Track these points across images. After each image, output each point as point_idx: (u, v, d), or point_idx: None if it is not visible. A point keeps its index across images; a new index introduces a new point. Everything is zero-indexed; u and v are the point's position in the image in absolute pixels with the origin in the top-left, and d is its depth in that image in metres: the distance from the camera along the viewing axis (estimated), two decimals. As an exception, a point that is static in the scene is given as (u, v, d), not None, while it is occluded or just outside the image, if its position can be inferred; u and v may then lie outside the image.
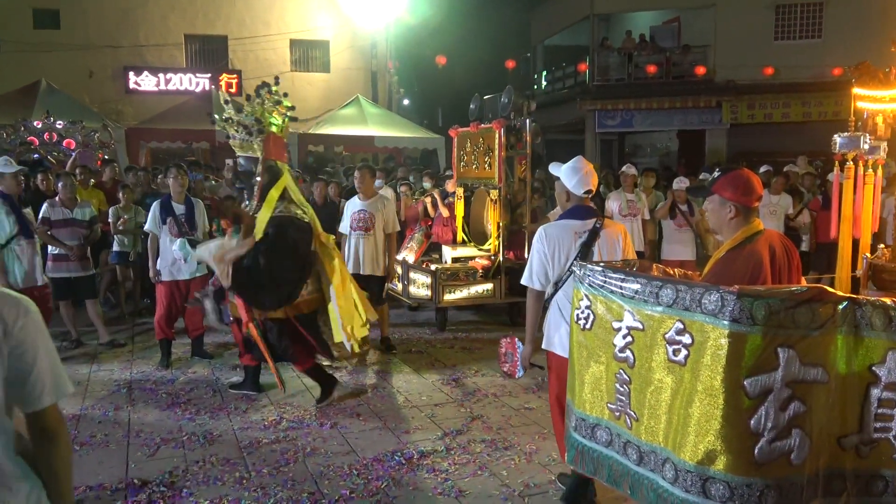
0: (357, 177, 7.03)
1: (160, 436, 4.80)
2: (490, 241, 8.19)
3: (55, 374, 1.87)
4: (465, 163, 8.67)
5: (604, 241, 3.69)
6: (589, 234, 3.67)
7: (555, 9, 23.28)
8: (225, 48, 18.92)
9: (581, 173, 3.73)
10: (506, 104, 7.87)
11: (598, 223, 3.72)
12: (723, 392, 2.26)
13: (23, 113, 12.00)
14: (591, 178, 3.75)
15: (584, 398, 2.86)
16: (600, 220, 3.75)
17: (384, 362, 6.66)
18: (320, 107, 18.72)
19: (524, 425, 5.02)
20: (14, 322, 1.80)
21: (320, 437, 4.80)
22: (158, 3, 18.29)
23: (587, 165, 3.80)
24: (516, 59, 22.74)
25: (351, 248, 6.85)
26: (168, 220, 6.42)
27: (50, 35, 17.24)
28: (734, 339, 2.24)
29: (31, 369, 1.82)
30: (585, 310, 2.84)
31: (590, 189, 3.76)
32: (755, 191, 2.87)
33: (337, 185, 10.08)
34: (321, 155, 17.36)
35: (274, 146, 5.35)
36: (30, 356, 1.82)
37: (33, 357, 1.83)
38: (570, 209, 3.80)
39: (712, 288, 2.33)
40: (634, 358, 2.59)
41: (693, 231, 8.14)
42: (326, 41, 19.56)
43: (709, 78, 19.44)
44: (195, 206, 6.61)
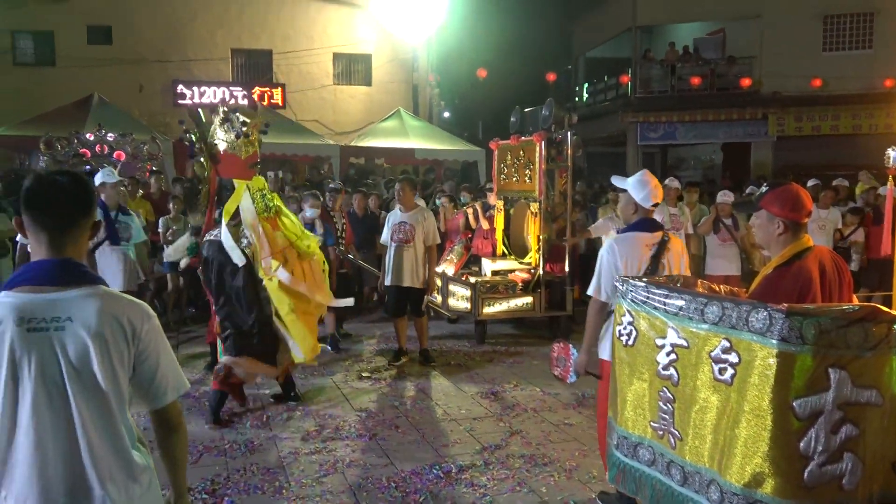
0: (398, 189, 7.08)
1: (203, 443, 4.88)
2: (530, 255, 8.15)
3: (174, 373, 2.03)
4: (505, 175, 8.67)
5: (671, 254, 3.76)
6: (658, 247, 3.74)
7: (597, 21, 23.19)
8: (269, 62, 19.29)
9: (650, 186, 3.80)
10: (547, 117, 7.85)
11: (666, 236, 3.81)
12: (771, 413, 2.21)
13: (76, 125, 12.37)
14: (658, 192, 3.84)
15: (626, 416, 2.82)
16: (667, 234, 3.83)
17: (423, 374, 6.66)
18: (362, 119, 18.93)
19: (564, 441, 4.96)
20: (141, 327, 1.93)
21: (359, 449, 4.82)
22: (206, 19, 18.75)
23: (654, 179, 3.86)
24: (557, 71, 22.68)
25: (391, 260, 6.89)
26: None
27: (102, 51, 17.80)
28: (783, 359, 2.19)
29: (156, 370, 1.97)
30: (628, 326, 2.80)
31: (657, 202, 3.85)
32: (804, 206, 2.80)
33: (377, 196, 10.17)
34: (362, 167, 17.53)
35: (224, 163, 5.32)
36: (154, 358, 1.97)
37: (156, 359, 1.97)
38: (637, 221, 3.86)
39: (760, 305, 2.27)
40: (679, 376, 2.54)
41: (738, 246, 7.98)
42: (368, 55, 19.79)
43: (754, 90, 19.10)
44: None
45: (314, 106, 19.31)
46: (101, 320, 1.84)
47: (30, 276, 1.87)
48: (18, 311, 1.80)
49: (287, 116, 17.42)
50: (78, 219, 1.92)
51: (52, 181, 1.91)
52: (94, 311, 1.84)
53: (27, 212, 1.90)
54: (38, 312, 1.81)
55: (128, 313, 1.90)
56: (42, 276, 1.86)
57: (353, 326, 8.44)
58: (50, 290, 1.84)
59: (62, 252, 1.90)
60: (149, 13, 18.30)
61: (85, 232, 1.95)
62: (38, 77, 17.46)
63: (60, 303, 1.83)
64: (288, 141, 14.70)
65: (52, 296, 1.84)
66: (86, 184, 1.97)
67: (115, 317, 1.87)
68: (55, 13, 17.86)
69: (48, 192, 1.90)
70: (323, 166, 14.79)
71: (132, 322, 1.90)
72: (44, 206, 1.89)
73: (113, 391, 1.87)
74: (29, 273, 1.88)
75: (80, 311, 1.83)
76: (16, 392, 1.79)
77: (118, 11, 18.14)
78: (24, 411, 1.80)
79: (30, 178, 1.95)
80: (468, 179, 15.19)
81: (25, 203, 1.90)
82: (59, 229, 1.89)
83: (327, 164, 14.77)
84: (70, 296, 1.84)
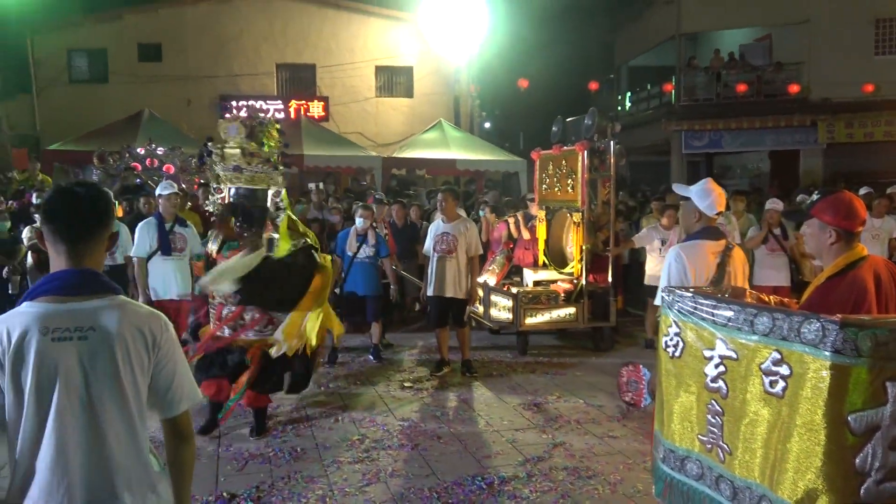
0: (440, 199, 7.09)
1: (248, 451, 4.94)
2: (572, 265, 8.09)
3: (189, 383, 2.07)
4: (547, 185, 8.63)
5: (736, 263, 3.75)
6: (723, 255, 3.73)
7: (640, 29, 22.98)
8: (313, 76, 19.60)
9: (714, 194, 3.80)
10: (589, 126, 7.80)
11: (730, 244, 3.81)
12: (824, 427, 2.14)
13: (127, 140, 12.76)
14: (721, 200, 3.85)
15: (672, 429, 2.76)
16: (730, 242, 3.83)
17: (465, 385, 6.65)
18: (404, 131, 19.08)
19: (608, 454, 4.89)
20: (160, 336, 1.98)
21: (401, 459, 4.82)
22: (252, 35, 19.16)
23: (717, 187, 3.86)
24: (600, 80, 22.53)
25: (434, 270, 6.90)
26: None
27: (153, 68, 18.34)
28: (837, 372, 2.12)
29: (173, 379, 2.02)
30: (674, 337, 2.75)
31: (721, 210, 3.87)
32: (858, 215, 2.72)
33: (419, 207, 10.22)
34: (403, 178, 17.66)
35: None
36: (171, 367, 2.01)
37: (173, 368, 2.02)
38: (702, 229, 3.85)
39: (812, 316, 2.21)
40: (727, 388, 2.49)
41: (787, 256, 7.79)
42: (410, 67, 19.96)
43: (803, 96, 18.66)
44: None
45: (357, 118, 19.54)
46: (123, 329, 1.89)
47: (51, 286, 1.91)
48: (42, 320, 1.84)
49: (330, 129, 17.68)
50: (95, 230, 1.96)
51: (70, 193, 1.96)
52: (116, 321, 1.89)
53: (46, 224, 1.95)
54: (62, 322, 1.85)
55: (148, 323, 1.96)
56: (63, 287, 1.90)
57: (395, 337, 8.48)
58: (71, 300, 1.88)
59: (81, 262, 1.93)
60: (197, 31, 18.81)
61: (103, 243, 1.99)
62: (91, 94, 18.06)
63: (83, 312, 1.88)
64: (331, 153, 14.91)
65: (75, 305, 1.88)
66: (103, 195, 2.01)
67: (136, 326, 1.92)
68: (108, 32, 18.50)
69: (67, 204, 1.94)
70: (365, 178, 14.94)
71: (152, 331, 1.95)
72: (63, 218, 1.93)
73: (134, 399, 1.92)
74: (50, 283, 1.91)
75: (103, 320, 1.88)
76: (42, 400, 1.83)
77: (168, 30, 18.70)
78: (49, 419, 1.83)
79: (48, 191, 2.00)
80: (509, 190, 15.17)
81: (44, 215, 1.96)
82: (78, 240, 1.93)
83: (369, 175, 14.92)
84: (92, 306, 1.89)
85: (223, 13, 19.02)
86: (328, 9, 19.45)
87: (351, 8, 19.56)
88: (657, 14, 21.33)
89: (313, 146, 14.84)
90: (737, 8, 19.14)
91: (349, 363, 7.34)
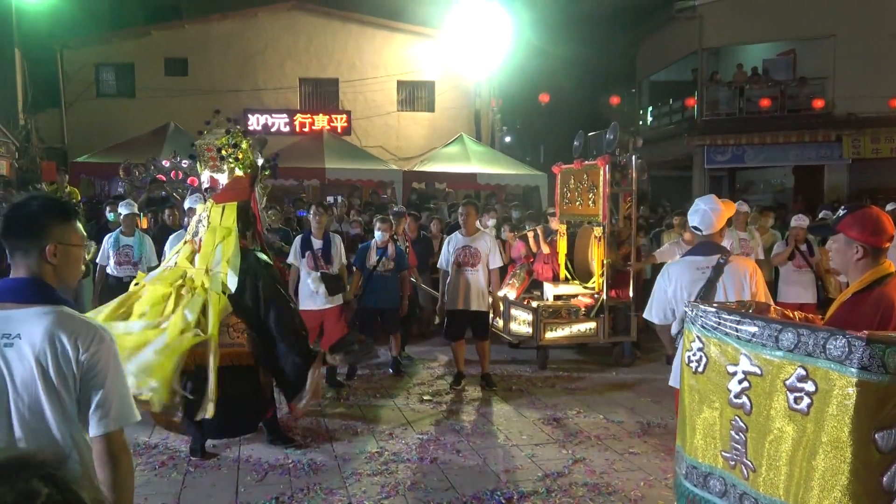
0: (463, 213, 7.10)
1: (268, 462, 4.96)
2: (594, 279, 8.05)
3: (122, 401, 1.96)
4: (568, 200, 8.61)
5: (728, 277, 3.75)
6: (713, 270, 3.75)
7: (661, 44, 22.93)
8: (336, 90, 19.79)
9: (701, 211, 3.90)
10: (611, 140, 7.79)
11: (723, 258, 3.79)
12: (850, 445, 2.11)
13: (153, 153, 12.94)
14: (716, 217, 3.89)
15: (695, 445, 2.73)
16: (724, 256, 3.80)
17: (484, 399, 6.63)
18: (425, 145, 19.17)
19: (629, 470, 4.84)
20: (88, 348, 1.91)
21: (420, 472, 4.81)
22: (276, 50, 19.41)
23: (717, 204, 3.93)
24: (621, 95, 22.49)
25: (457, 284, 6.88)
26: (307, 255, 6.76)
27: (179, 82, 18.63)
28: (863, 389, 2.09)
29: (100, 395, 1.92)
30: (697, 352, 2.73)
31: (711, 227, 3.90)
32: (886, 230, 2.68)
33: (439, 220, 10.23)
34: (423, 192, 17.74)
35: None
36: (99, 382, 1.92)
37: (101, 383, 1.93)
38: (696, 245, 3.99)
39: (838, 332, 2.18)
40: (752, 404, 2.46)
41: (813, 272, 7.69)
42: (432, 82, 20.09)
43: (827, 111, 18.48)
44: (332, 242, 6.92)
45: (379, 132, 19.68)
46: (46, 338, 1.87)
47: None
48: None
49: (352, 143, 17.81)
50: (33, 241, 1.96)
51: (16, 206, 2.00)
52: (42, 329, 1.88)
53: (2, 237, 1.99)
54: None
55: (77, 333, 1.91)
56: (4, 293, 1.94)
57: (414, 350, 8.48)
58: (8, 306, 1.91)
59: (29, 272, 1.96)
60: (222, 46, 19.09)
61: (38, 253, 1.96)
62: (118, 107, 18.38)
63: (14, 319, 1.89)
64: (353, 166, 15.01)
65: (9, 312, 1.90)
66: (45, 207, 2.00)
67: (62, 336, 1.88)
68: (136, 48, 18.83)
69: (13, 217, 1.98)
70: (386, 191, 15.03)
71: (79, 342, 1.90)
72: (10, 231, 1.98)
73: (53, 410, 1.88)
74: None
75: (30, 328, 1.88)
76: None
77: (194, 45, 19.01)
78: None
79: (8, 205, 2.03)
80: (530, 204, 15.15)
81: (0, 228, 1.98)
82: (23, 251, 1.96)
83: (390, 188, 15.00)
84: (25, 313, 1.90)
85: (248, 29, 19.31)
86: (352, 24, 19.67)
87: (374, 24, 19.76)
88: (679, 28, 21.28)
89: (335, 159, 14.96)
90: (760, 23, 19.04)
91: (369, 376, 7.35)
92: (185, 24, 19.36)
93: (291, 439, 5.37)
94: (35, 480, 0.60)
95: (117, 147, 14.52)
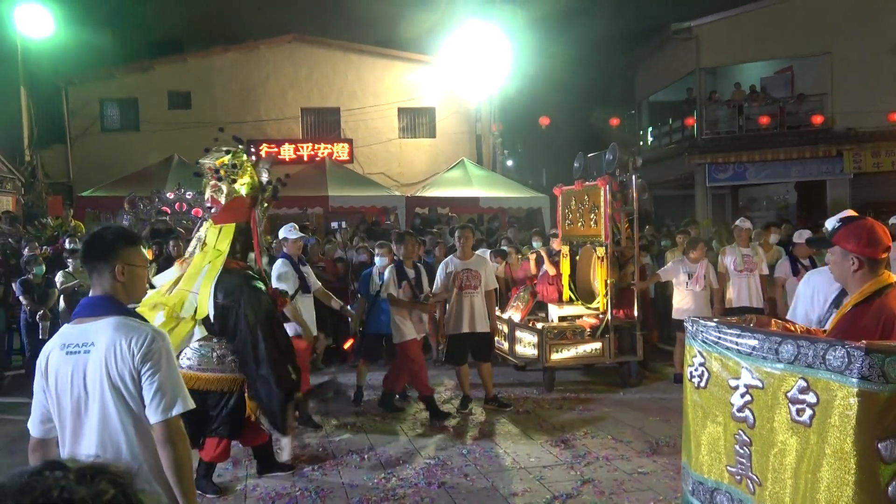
0: (461, 237, 7.13)
1: (275, 490, 4.94)
2: (598, 300, 8.05)
3: (174, 392, 2.30)
4: (570, 221, 8.64)
5: None
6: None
7: (659, 65, 23.12)
8: (338, 119, 19.98)
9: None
10: (611, 161, 7.84)
11: None
12: (854, 456, 2.11)
13: (157, 185, 13.05)
14: None
15: (700, 460, 2.73)
16: None
17: (491, 422, 6.60)
18: (427, 170, 19.29)
19: (638, 490, 4.80)
20: (142, 349, 2.26)
21: (428, 497, 4.78)
22: (279, 81, 19.64)
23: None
24: (621, 116, 22.62)
25: (461, 308, 6.87)
26: (402, 284, 6.85)
27: (182, 115, 18.83)
28: (864, 399, 2.10)
29: (156, 387, 2.27)
30: (699, 367, 2.74)
31: None
32: (881, 241, 2.70)
33: (443, 244, 10.26)
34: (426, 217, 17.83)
35: None
36: (152, 376, 2.27)
37: (155, 377, 2.27)
38: None
39: (837, 343, 2.19)
40: (755, 418, 2.46)
41: (817, 287, 7.66)
42: (432, 108, 20.27)
43: (827, 127, 18.55)
44: (421, 272, 7.09)
45: (380, 159, 19.82)
46: (109, 343, 2.26)
47: (78, 310, 2.41)
48: (63, 337, 2.34)
49: (355, 170, 17.93)
50: (108, 263, 2.36)
51: (94, 236, 2.47)
52: (107, 336, 2.27)
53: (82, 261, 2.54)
54: (75, 339, 2.31)
55: (133, 335, 2.28)
56: (83, 311, 2.38)
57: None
58: (87, 320, 2.34)
59: (103, 290, 2.38)
60: (225, 79, 19.33)
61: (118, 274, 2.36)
62: (123, 141, 18.57)
63: (89, 331, 2.31)
64: (356, 193, 15.10)
65: (86, 325, 2.33)
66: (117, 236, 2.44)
67: (121, 339, 2.26)
68: (139, 82, 19.08)
69: (88, 244, 2.46)
70: (389, 217, 15.11)
71: (134, 343, 2.26)
72: (84, 255, 2.45)
73: (119, 407, 2.26)
74: (79, 308, 2.41)
75: (99, 336, 2.28)
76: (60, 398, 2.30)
77: (197, 78, 19.25)
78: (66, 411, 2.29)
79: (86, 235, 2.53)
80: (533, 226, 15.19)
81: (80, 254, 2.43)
82: (95, 272, 2.38)
83: (394, 214, 15.08)
84: (97, 325, 2.31)
85: (250, 61, 19.56)
86: (352, 54, 19.90)
87: (374, 52, 20.00)
88: (676, 49, 21.47)
89: (338, 187, 15.06)
90: (756, 42, 19.21)
91: (375, 401, 7.33)
92: (187, 57, 19.62)
93: (285, 466, 5.32)
94: (105, 483, 0.71)
95: (122, 180, 14.64)
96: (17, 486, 0.68)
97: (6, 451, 6.03)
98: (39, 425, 2.36)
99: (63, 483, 0.69)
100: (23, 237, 10.21)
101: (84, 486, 0.69)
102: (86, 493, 0.68)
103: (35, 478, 0.70)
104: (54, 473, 0.71)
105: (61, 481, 0.69)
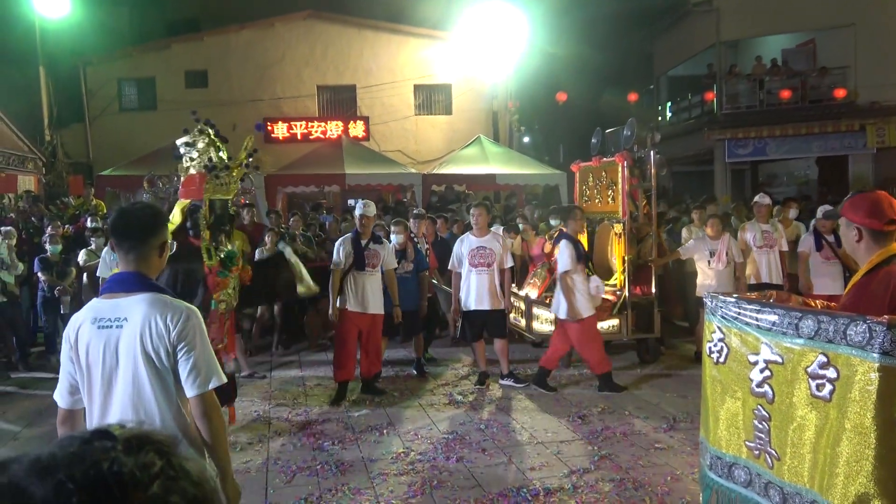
0: (477, 214, 7.13)
1: (296, 464, 5.02)
2: (615, 276, 8.02)
3: (209, 367, 2.37)
4: (587, 197, 8.60)
5: None
6: None
7: (678, 39, 22.78)
8: (353, 96, 19.92)
9: None
10: (629, 137, 7.77)
11: None
12: (874, 430, 2.10)
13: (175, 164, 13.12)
14: None
15: (719, 435, 2.74)
16: None
17: (508, 397, 6.64)
18: (443, 148, 19.22)
19: (655, 465, 4.83)
20: (177, 325, 2.32)
21: (446, 471, 4.84)
22: (294, 59, 19.60)
23: None
24: (639, 91, 22.37)
25: (472, 285, 6.91)
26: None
27: (199, 94, 18.85)
28: (885, 374, 2.09)
29: (191, 362, 2.34)
30: (718, 342, 2.74)
31: None
32: (884, 213, 2.66)
33: (461, 222, 10.25)
34: (443, 195, 17.82)
35: None
36: (186, 352, 2.33)
37: (189, 353, 2.34)
38: None
39: (858, 318, 2.18)
40: (774, 393, 2.46)
41: (841, 263, 7.60)
42: (449, 85, 20.14)
43: (850, 100, 18.21)
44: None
45: (397, 136, 19.77)
46: (144, 319, 2.31)
47: (106, 286, 2.46)
48: (94, 311, 2.38)
49: (371, 147, 17.91)
50: (144, 240, 2.39)
51: (122, 212, 2.47)
52: (142, 312, 2.32)
53: (111, 237, 2.53)
54: (106, 313, 2.36)
55: (168, 312, 2.33)
56: (115, 286, 2.41)
57: (437, 351, 8.51)
58: (119, 295, 2.37)
59: (131, 266, 2.40)
60: (241, 57, 19.31)
61: (152, 251, 2.41)
62: (141, 121, 18.66)
63: (121, 306, 2.35)
64: (372, 171, 15.10)
65: (118, 300, 2.37)
66: (152, 213, 2.47)
67: (157, 316, 2.31)
68: (156, 62, 19.13)
69: (118, 221, 2.46)
70: (406, 194, 15.10)
71: (170, 320, 2.32)
72: (116, 233, 2.45)
73: (154, 380, 2.32)
74: (107, 284, 2.46)
75: (132, 312, 2.33)
76: (90, 371, 2.35)
77: (213, 57, 19.25)
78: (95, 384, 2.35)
79: (115, 210, 2.52)
80: (550, 203, 15.12)
81: (110, 230, 2.48)
82: (129, 250, 2.39)
83: (410, 192, 15.06)
84: (129, 300, 2.35)
85: (266, 39, 19.51)
86: (367, 31, 19.79)
87: (389, 29, 19.87)
88: (696, 23, 21.13)
89: (354, 165, 15.06)
90: (778, 14, 18.84)
91: (393, 377, 7.40)
92: (203, 36, 19.61)
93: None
94: (152, 454, 0.72)
95: (141, 160, 14.73)
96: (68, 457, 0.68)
97: (31, 425, 6.17)
98: (68, 396, 2.42)
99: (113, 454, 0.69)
100: (45, 216, 10.34)
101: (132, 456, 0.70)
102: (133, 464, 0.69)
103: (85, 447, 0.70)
104: (103, 443, 0.71)
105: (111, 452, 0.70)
